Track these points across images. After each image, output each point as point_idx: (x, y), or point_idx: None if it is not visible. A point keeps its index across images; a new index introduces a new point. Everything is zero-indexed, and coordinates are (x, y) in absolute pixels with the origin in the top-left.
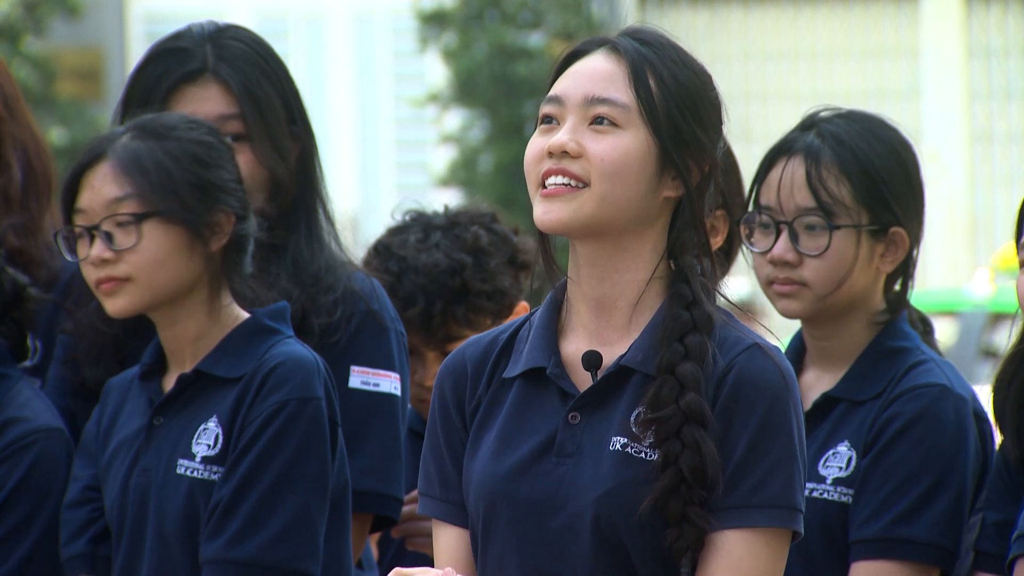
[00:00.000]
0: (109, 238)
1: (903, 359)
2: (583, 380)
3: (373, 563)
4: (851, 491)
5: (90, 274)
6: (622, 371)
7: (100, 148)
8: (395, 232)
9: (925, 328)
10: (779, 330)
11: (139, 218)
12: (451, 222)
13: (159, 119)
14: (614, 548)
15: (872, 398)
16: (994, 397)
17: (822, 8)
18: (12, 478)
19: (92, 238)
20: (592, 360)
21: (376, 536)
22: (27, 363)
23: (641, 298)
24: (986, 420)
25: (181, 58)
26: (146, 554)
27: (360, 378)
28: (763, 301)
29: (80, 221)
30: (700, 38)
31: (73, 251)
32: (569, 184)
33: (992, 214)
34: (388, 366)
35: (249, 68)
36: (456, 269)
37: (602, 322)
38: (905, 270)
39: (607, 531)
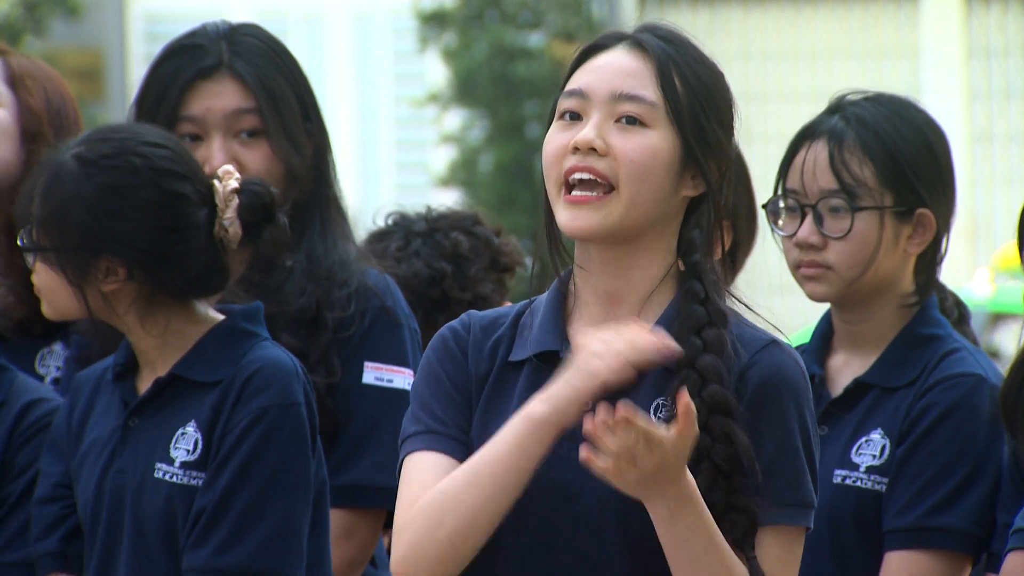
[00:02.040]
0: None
1: (936, 347)
2: None
3: (386, 560)
4: (885, 479)
5: None
6: None
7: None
8: (376, 239)
9: (960, 313)
10: (789, 329)
11: (29, 249)
12: (431, 228)
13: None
14: (640, 536)
15: (905, 385)
16: (1003, 402)
17: (822, 8)
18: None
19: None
20: None
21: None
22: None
23: (652, 294)
24: None
25: (197, 54)
26: (123, 554)
27: (374, 374)
28: None
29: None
30: (700, 38)
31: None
32: (595, 183)
33: (992, 214)
34: (402, 362)
35: (264, 64)
36: (436, 279)
37: (610, 315)
38: (934, 253)
39: (632, 522)
